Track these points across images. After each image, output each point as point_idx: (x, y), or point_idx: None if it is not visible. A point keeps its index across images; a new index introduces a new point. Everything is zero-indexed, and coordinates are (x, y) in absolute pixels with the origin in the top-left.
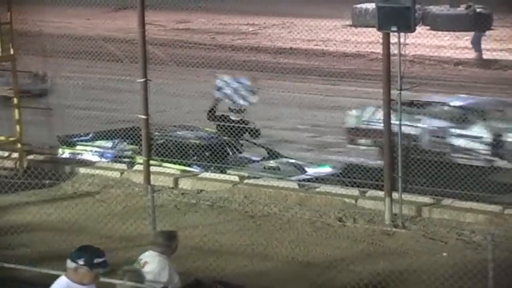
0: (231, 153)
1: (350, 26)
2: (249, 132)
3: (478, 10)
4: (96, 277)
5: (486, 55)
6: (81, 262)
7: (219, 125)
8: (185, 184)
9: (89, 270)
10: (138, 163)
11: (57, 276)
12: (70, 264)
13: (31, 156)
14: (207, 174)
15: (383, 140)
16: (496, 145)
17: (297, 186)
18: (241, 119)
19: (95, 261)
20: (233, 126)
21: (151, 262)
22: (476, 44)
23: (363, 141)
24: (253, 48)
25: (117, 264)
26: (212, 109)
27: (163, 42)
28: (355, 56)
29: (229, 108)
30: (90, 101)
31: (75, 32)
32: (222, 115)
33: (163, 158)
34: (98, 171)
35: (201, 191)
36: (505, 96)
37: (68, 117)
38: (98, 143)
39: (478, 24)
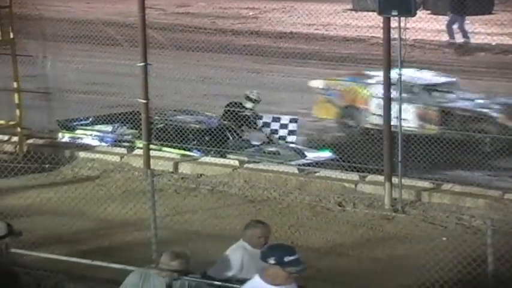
0: (231, 138)
1: (350, 10)
2: (248, 125)
3: None
4: (289, 277)
5: (487, 39)
6: (271, 261)
7: (228, 110)
8: (185, 168)
9: (281, 269)
10: (138, 147)
11: (55, 260)
12: (262, 264)
13: (31, 140)
14: (207, 159)
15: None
16: None
17: (296, 171)
18: (252, 110)
19: (286, 259)
20: (240, 115)
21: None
22: (450, 28)
23: None
24: (254, 33)
25: (115, 248)
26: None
27: (163, 26)
28: (356, 40)
29: (246, 95)
30: (90, 85)
31: (74, 16)
32: (236, 102)
33: (163, 142)
34: (97, 156)
35: (201, 175)
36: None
37: (68, 102)
38: (98, 127)
39: (456, 8)
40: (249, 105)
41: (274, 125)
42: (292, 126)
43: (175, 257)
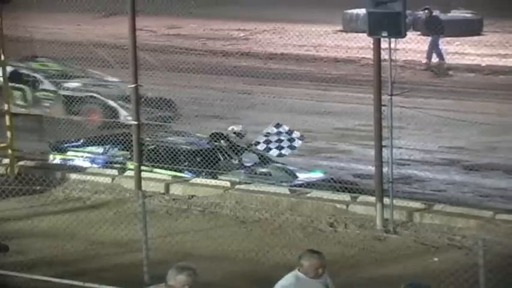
0: (222, 159)
1: (341, 31)
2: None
3: (434, 14)
4: None
5: (477, 60)
6: None
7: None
8: (176, 190)
9: None
10: (129, 169)
11: (47, 282)
12: None
13: (22, 162)
14: (198, 180)
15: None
16: None
17: (288, 192)
18: (234, 143)
19: None
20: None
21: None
22: (436, 49)
23: None
24: (244, 54)
25: (107, 269)
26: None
27: (154, 48)
28: (346, 61)
29: (233, 130)
30: None
31: (65, 38)
32: (222, 134)
33: (154, 163)
34: (88, 177)
35: (192, 196)
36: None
37: (59, 123)
38: (89, 149)
39: (433, 28)
40: (233, 137)
41: (278, 129)
42: (297, 143)
43: (180, 270)
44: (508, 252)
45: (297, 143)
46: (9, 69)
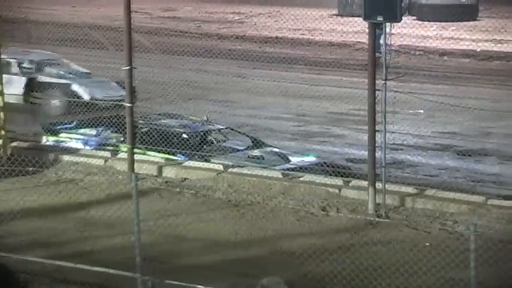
0: (215, 142)
1: (336, 15)
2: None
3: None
4: None
5: (472, 46)
6: None
7: None
8: (169, 172)
9: None
10: (122, 151)
11: (39, 263)
12: None
13: (15, 143)
14: (191, 163)
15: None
16: None
17: (280, 176)
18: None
19: None
20: None
21: None
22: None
23: None
24: (239, 37)
25: (99, 251)
26: None
27: (149, 30)
28: (341, 45)
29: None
30: None
31: (60, 19)
32: None
33: (147, 146)
34: (81, 159)
35: (185, 179)
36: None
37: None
38: (82, 130)
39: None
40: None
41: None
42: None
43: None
44: (499, 237)
45: None
46: None
